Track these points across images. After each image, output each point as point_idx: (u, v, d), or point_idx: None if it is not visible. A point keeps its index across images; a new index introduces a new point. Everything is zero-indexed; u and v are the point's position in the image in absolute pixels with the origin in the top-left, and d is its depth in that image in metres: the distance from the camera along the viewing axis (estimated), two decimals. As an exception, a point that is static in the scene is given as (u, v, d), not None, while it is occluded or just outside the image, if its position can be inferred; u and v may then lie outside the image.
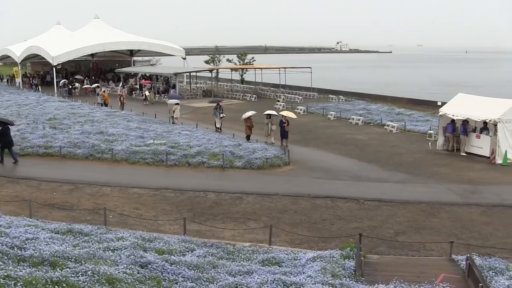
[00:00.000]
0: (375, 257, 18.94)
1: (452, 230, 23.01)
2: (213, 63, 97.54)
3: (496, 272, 16.61)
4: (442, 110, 40.40)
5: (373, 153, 38.41)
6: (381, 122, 51.77)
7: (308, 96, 76.84)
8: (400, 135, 46.52)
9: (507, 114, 36.28)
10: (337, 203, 26.34)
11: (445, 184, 30.53)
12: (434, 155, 38.27)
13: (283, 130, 39.27)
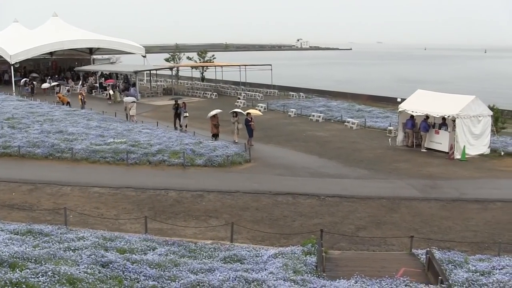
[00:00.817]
0: (336, 252, 19.08)
1: (412, 225, 23.29)
2: (173, 61, 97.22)
3: (455, 265, 16.87)
4: (401, 106, 40.82)
5: (334, 150, 38.64)
6: (341, 119, 52.10)
7: (268, 94, 76.94)
8: (360, 132, 46.87)
9: (465, 110, 36.83)
10: (298, 199, 26.44)
11: (405, 179, 30.85)
12: (394, 151, 38.65)
13: (249, 129, 39.30)
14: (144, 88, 78.93)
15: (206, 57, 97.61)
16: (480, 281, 15.29)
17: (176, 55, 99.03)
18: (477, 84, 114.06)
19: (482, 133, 37.99)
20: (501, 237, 21.71)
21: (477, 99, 38.15)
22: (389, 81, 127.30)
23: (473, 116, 37.35)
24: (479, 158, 36.95)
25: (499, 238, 21.18)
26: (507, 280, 15.19)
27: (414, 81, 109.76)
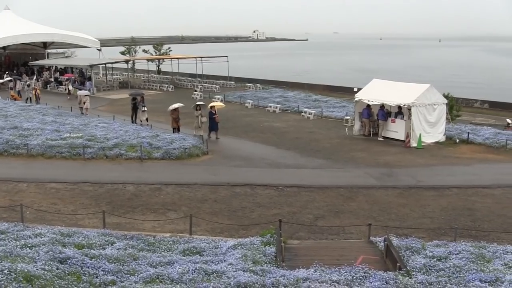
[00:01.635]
0: (295, 242, 19.15)
1: (370, 213, 23.48)
2: (129, 54, 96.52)
3: (412, 251, 17.05)
4: (357, 96, 41.13)
5: (291, 140, 38.77)
6: (298, 109, 52.30)
7: (225, 85, 76.83)
8: (317, 122, 47.09)
9: (420, 98, 37.25)
10: (257, 190, 26.48)
11: (362, 168, 31.11)
12: (351, 140, 38.92)
13: (213, 122, 39.01)
14: (100, 82, 78.34)
15: (162, 50, 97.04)
16: (437, 266, 15.52)
17: (132, 48, 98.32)
18: (432, 73, 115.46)
19: (438, 121, 38.45)
20: (457, 222, 22.06)
21: (432, 87, 38.60)
22: (346, 71, 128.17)
23: (428, 105, 37.78)
24: (435, 145, 37.43)
25: (455, 224, 21.49)
26: (463, 265, 15.44)
27: (370, 71, 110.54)
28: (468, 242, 18.50)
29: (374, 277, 14.29)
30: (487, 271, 14.97)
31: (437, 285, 14.04)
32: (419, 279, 14.39)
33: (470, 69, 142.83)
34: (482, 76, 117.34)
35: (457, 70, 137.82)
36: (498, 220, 22.92)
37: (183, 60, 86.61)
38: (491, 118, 52.26)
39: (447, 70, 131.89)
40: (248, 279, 13.52)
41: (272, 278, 13.85)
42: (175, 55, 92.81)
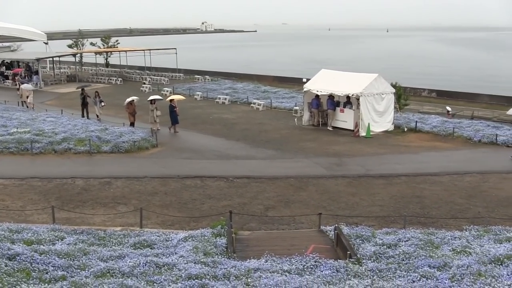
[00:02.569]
0: (246, 233, 19.20)
1: (320, 202, 23.63)
2: (76, 47, 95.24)
3: (363, 239, 17.21)
4: (306, 86, 41.32)
5: (241, 131, 38.82)
6: (247, 101, 52.44)
7: (174, 78, 76.50)
8: (266, 112, 47.22)
9: (368, 88, 37.60)
10: (207, 182, 26.44)
11: (312, 158, 31.30)
12: (301, 131, 39.11)
13: (174, 115, 38.67)
14: (47, 76, 77.28)
15: (110, 43, 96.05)
16: (387, 254, 15.69)
17: (79, 41, 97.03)
18: (380, 63, 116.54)
19: (386, 110, 38.88)
20: (406, 210, 22.36)
21: (380, 77, 38.99)
22: (295, 62, 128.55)
23: (376, 94, 38.15)
24: (384, 134, 37.89)
25: (404, 211, 21.79)
26: (413, 251, 15.64)
27: (319, 61, 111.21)
28: (417, 229, 18.78)
29: (325, 266, 14.39)
30: (436, 257, 15.18)
31: (387, 272, 14.20)
32: (370, 267, 14.54)
33: (417, 58, 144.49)
34: (430, 66, 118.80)
35: (405, 59, 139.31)
36: (446, 207, 23.29)
37: (131, 52, 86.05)
38: (439, 107, 52.94)
39: (395, 60, 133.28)
40: (199, 270, 13.51)
41: (223, 269, 13.86)
42: (123, 47, 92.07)
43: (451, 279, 13.34)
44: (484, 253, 15.47)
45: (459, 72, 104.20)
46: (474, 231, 18.63)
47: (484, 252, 15.69)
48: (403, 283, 13.09)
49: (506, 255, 14.89)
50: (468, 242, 17.05)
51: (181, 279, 13.05)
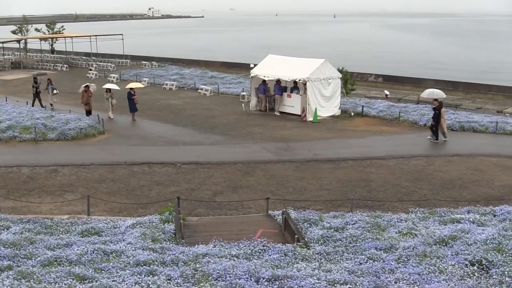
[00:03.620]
0: (194, 219, 19.23)
1: (268, 187, 23.73)
2: (21, 33, 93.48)
3: (310, 223, 17.37)
4: (253, 72, 41.29)
5: (188, 117, 38.68)
6: (194, 86, 52.29)
7: (121, 64, 75.72)
8: (214, 98, 47.16)
9: (315, 73, 37.78)
10: (154, 168, 26.32)
11: (260, 143, 31.39)
12: (248, 116, 39.16)
13: (133, 103, 38.00)
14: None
15: (55, 29, 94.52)
16: (335, 237, 15.86)
17: (24, 27, 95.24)
18: (327, 48, 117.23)
19: (333, 95, 39.15)
20: (353, 193, 22.62)
21: (326, 62, 39.21)
22: (242, 47, 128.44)
23: (323, 79, 38.36)
24: (331, 119, 38.16)
25: (351, 195, 22.05)
26: (360, 234, 15.84)
27: (267, 47, 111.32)
28: (364, 212, 18.96)
29: (273, 250, 14.50)
30: (382, 239, 15.42)
31: (335, 255, 14.36)
32: (317, 250, 14.70)
33: (364, 44, 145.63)
34: (376, 51, 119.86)
35: (352, 45, 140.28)
36: (392, 190, 23.60)
37: (77, 39, 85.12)
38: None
39: (342, 46, 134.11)
40: (148, 257, 13.49)
41: (172, 255, 13.86)
42: (68, 33, 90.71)
43: (397, 261, 13.57)
44: (429, 235, 15.77)
45: (405, 57, 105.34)
46: (420, 213, 18.97)
47: (429, 233, 15.99)
48: (350, 266, 13.25)
49: (450, 236, 15.21)
50: (414, 224, 17.34)
51: (129, 266, 13.00)
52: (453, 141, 32.72)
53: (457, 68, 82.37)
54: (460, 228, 16.15)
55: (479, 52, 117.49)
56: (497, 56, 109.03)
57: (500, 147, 31.55)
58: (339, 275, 12.06)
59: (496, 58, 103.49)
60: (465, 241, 14.80)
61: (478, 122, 36.62)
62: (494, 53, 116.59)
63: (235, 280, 11.59)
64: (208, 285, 11.20)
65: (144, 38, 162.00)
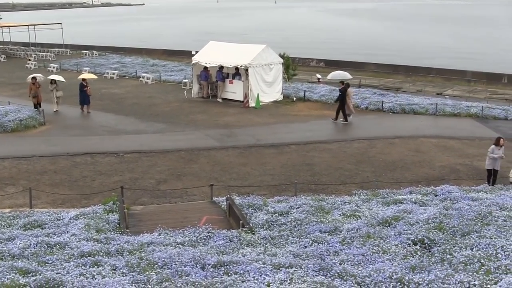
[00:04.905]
0: (138, 208, 19.12)
1: (212, 174, 23.75)
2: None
3: (255, 208, 17.45)
4: (195, 59, 41.15)
5: (130, 106, 38.41)
6: (136, 75, 51.89)
7: (60, 53, 74.62)
8: (156, 86, 46.92)
9: (256, 59, 37.85)
10: (97, 158, 26.06)
11: (203, 130, 31.37)
12: (190, 103, 39.06)
13: (85, 95, 36.88)
14: None
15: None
16: (279, 221, 15.96)
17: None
18: (268, 34, 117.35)
19: (275, 80, 39.31)
20: (297, 178, 22.74)
21: (267, 48, 39.30)
22: (184, 35, 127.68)
23: (265, 65, 38.47)
24: (273, 104, 38.32)
25: (295, 179, 22.15)
26: (304, 218, 15.96)
27: (208, 34, 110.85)
28: (308, 196, 19.17)
29: (218, 236, 14.50)
30: (327, 222, 15.56)
31: (280, 239, 14.44)
32: (262, 235, 14.76)
33: (305, 29, 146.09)
34: (317, 36, 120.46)
35: (292, 30, 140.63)
36: (335, 173, 23.86)
37: (14, 28, 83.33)
38: (327, 76, 53.77)
39: (283, 31, 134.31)
40: (92, 248, 13.35)
41: (116, 245, 13.75)
42: (5, 23, 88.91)
43: (341, 243, 13.70)
44: (373, 216, 15.97)
45: (347, 42, 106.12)
46: (363, 195, 19.20)
47: (373, 215, 16.20)
48: (295, 249, 13.33)
49: (393, 216, 15.43)
50: (357, 206, 17.55)
51: (73, 258, 12.84)
52: (394, 123, 33.28)
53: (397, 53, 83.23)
54: (402, 208, 16.41)
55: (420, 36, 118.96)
56: (436, 39, 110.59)
57: (439, 128, 32.21)
58: (284, 259, 12.12)
59: (435, 42, 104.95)
60: (408, 221, 15.03)
61: (418, 104, 37.30)
62: (434, 36, 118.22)
63: (181, 267, 11.55)
64: (154, 274, 11.13)
65: (84, 27, 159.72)
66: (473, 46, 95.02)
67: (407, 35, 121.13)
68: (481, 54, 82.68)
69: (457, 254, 12.22)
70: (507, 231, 13.77)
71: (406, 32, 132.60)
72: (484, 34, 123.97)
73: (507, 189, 19.86)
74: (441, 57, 78.50)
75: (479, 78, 53.24)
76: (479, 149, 27.73)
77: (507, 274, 10.69)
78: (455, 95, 44.74)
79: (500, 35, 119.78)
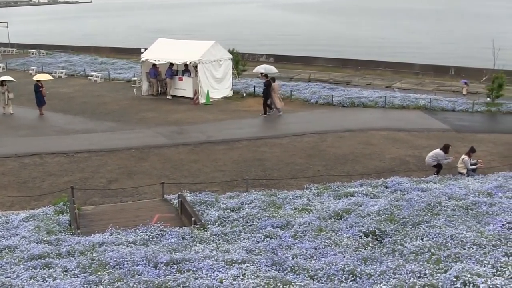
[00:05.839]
0: (89, 208, 18.95)
1: (163, 172, 23.64)
2: None
3: (207, 205, 17.48)
4: (143, 56, 40.87)
5: (79, 105, 37.95)
6: (84, 73, 51.31)
7: (6, 52, 73.33)
8: (104, 84, 46.47)
9: (205, 55, 37.81)
10: (46, 159, 25.69)
11: (153, 128, 31.20)
12: (140, 101, 38.82)
13: (40, 95, 36.09)
14: None
15: None
16: (232, 217, 16.02)
17: None
18: (217, 30, 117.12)
19: (224, 76, 39.32)
20: (248, 173, 22.81)
21: (217, 44, 39.27)
22: (132, 32, 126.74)
23: (214, 61, 38.44)
24: (223, 100, 38.32)
25: (246, 175, 22.23)
26: (256, 213, 16.02)
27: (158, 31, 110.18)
28: (259, 191, 19.21)
29: (170, 234, 14.49)
30: (279, 217, 15.65)
31: (232, 235, 14.48)
32: (215, 231, 14.78)
33: (254, 24, 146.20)
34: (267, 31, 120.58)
35: (241, 25, 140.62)
36: (286, 168, 23.94)
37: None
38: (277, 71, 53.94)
39: (232, 27, 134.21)
40: (43, 250, 13.21)
41: (68, 246, 13.63)
42: None
43: (293, 237, 13.80)
44: (324, 209, 16.12)
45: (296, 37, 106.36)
46: (314, 189, 19.35)
47: (324, 208, 16.35)
48: (248, 245, 13.37)
49: (344, 209, 15.61)
50: (309, 200, 17.68)
51: (23, 261, 12.68)
52: (344, 117, 33.56)
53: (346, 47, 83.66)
54: (353, 201, 16.61)
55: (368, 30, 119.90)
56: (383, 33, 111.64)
57: (389, 121, 32.57)
58: (236, 255, 12.15)
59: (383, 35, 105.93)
60: (359, 213, 15.22)
61: (368, 97, 37.69)
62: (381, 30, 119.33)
63: (133, 266, 11.51)
64: (106, 274, 11.07)
65: (31, 25, 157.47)
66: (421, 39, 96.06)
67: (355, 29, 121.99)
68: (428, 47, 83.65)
69: (408, 245, 12.44)
70: (456, 220, 14.05)
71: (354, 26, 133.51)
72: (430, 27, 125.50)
73: (456, 179, 20.23)
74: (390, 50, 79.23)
75: (427, 70, 53.87)
76: (428, 140, 28.16)
77: (457, 262, 10.90)
78: (403, 87, 45.19)
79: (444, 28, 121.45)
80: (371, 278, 10.47)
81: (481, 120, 33.84)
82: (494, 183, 18.24)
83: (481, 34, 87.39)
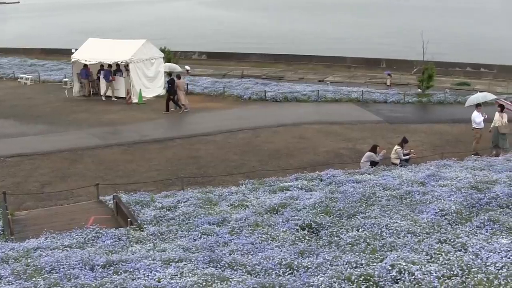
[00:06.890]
0: (23, 213, 18.63)
1: (97, 173, 23.45)
2: None
3: (142, 205, 17.40)
4: (74, 57, 40.35)
5: (9, 108, 37.17)
6: (14, 76, 50.35)
7: None
8: (35, 87, 45.69)
9: (137, 54, 37.58)
10: (-24, 165, 25.22)
11: (86, 129, 30.87)
12: (72, 102, 38.32)
13: None
14: None
15: None
16: (168, 216, 15.97)
17: None
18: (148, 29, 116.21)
19: (156, 75, 39.19)
20: (183, 171, 22.81)
21: (148, 42, 39.09)
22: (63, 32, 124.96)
23: (146, 60, 38.22)
24: (156, 99, 38.15)
25: (181, 173, 22.23)
26: (192, 211, 16.04)
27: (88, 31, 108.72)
28: (195, 189, 19.24)
29: (106, 236, 14.37)
30: (215, 214, 15.68)
31: (169, 234, 14.44)
32: (151, 231, 14.72)
33: (185, 22, 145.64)
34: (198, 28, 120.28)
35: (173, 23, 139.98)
36: (221, 165, 24.03)
37: None
38: (210, 69, 53.95)
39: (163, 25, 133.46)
40: (-25, 258, 12.94)
41: (1, 253, 13.37)
42: None
43: (230, 233, 13.84)
44: (260, 204, 16.20)
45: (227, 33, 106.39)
46: (250, 185, 19.43)
47: (260, 203, 16.43)
48: (185, 243, 13.36)
49: (280, 203, 15.73)
50: (245, 195, 17.74)
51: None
52: (278, 112, 33.78)
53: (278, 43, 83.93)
54: (289, 195, 16.73)
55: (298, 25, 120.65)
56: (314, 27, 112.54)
57: (322, 114, 32.97)
58: (174, 254, 12.13)
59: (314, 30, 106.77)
60: (295, 207, 15.34)
61: (300, 92, 38.05)
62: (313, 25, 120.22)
63: (69, 270, 11.38)
64: (41, 279, 10.90)
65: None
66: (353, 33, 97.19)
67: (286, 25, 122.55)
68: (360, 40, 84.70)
69: (344, 236, 12.60)
70: (390, 210, 14.29)
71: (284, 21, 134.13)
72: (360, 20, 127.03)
73: (389, 169, 20.57)
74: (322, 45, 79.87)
75: (359, 63, 54.53)
76: (361, 132, 28.60)
77: (392, 251, 11.10)
78: (336, 81, 45.74)
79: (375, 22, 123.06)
80: (308, 271, 10.56)
81: (413, 111, 34.57)
82: (426, 172, 18.61)
83: (411, 28, 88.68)
